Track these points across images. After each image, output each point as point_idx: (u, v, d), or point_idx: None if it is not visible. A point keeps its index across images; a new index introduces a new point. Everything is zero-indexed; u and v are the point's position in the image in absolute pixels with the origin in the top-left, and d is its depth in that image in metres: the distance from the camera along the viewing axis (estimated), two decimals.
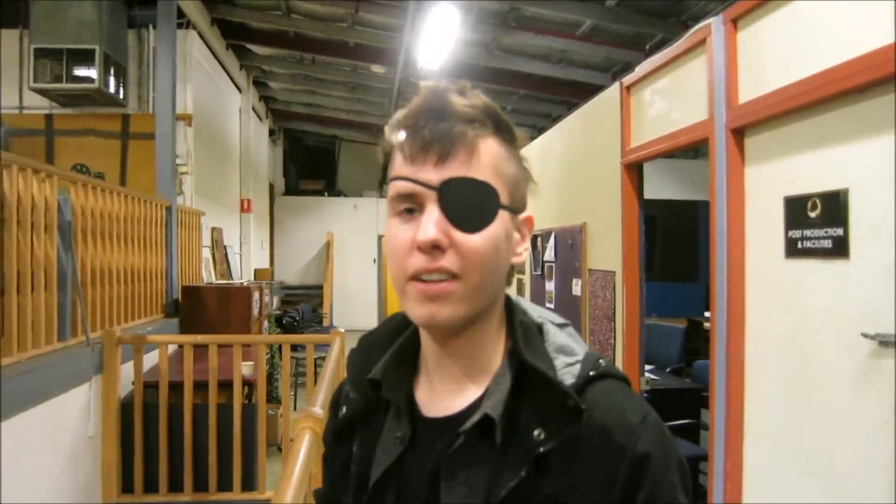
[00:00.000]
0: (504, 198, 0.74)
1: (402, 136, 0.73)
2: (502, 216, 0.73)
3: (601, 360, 0.77)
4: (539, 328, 0.80)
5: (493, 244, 0.72)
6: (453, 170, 0.71)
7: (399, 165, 0.74)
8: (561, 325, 0.82)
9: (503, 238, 0.74)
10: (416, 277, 0.71)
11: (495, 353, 0.79)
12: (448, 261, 0.70)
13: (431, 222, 0.70)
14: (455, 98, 0.73)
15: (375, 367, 0.82)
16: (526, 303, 0.85)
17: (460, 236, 0.70)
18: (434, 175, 0.71)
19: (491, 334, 0.79)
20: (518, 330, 0.78)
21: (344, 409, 0.88)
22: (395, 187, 0.74)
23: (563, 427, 0.70)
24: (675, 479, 0.70)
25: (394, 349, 0.84)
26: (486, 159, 0.72)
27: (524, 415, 0.73)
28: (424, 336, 0.81)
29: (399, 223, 0.74)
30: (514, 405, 0.74)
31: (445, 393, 0.79)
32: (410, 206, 0.73)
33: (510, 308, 0.82)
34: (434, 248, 0.70)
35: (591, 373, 0.75)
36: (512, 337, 0.79)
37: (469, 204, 0.71)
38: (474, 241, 0.70)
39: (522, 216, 0.79)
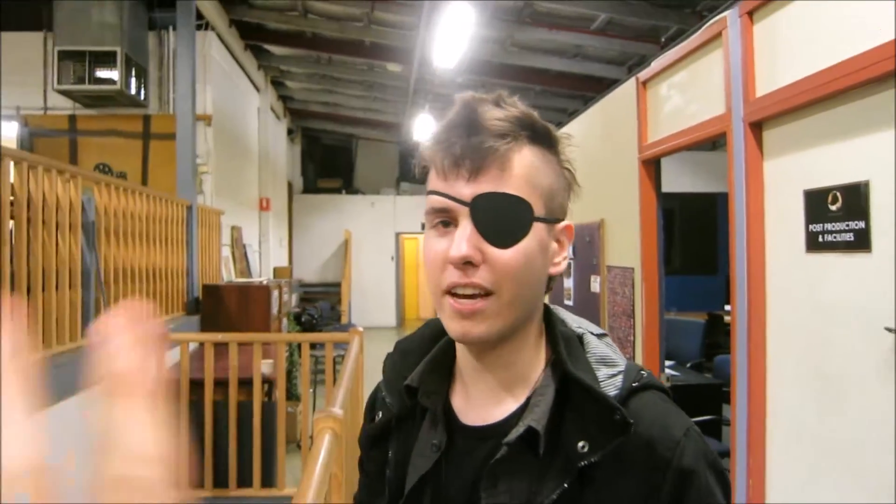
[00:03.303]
0: (539, 209, 0.73)
1: (434, 151, 0.74)
2: (537, 228, 0.73)
3: (643, 371, 0.77)
4: (580, 339, 0.80)
5: (526, 258, 0.71)
6: (485, 185, 0.71)
7: (434, 180, 0.74)
8: (600, 336, 0.81)
9: (537, 251, 0.73)
10: (450, 292, 0.72)
11: (535, 364, 0.79)
12: (481, 276, 0.70)
13: (464, 238, 0.70)
14: (487, 111, 0.72)
15: (412, 373, 0.82)
16: (564, 312, 0.84)
17: (493, 251, 0.70)
18: (466, 190, 0.71)
19: (529, 346, 0.79)
20: (560, 341, 0.77)
21: (380, 414, 0.88)
22: (430, 201, 0.74)
23: (608, 440, 0.69)
24: (717, 490, 0.70)
25: (430, 356, 0.84)
26: (519, 172, 0.72)
27: (568, 426, 0.72)
28: (460, 347, 0.81)
29: (435, 236, 0.74)
30: (557, 417, 0.73)
31: (482, 402, 0.79)
32: (445, 220, 0.73)
33: (549, 318, 0.81)
34: (466, 264, 0.70)
35: (634, 384, 0.74)
36: (553, 348, 0.78)
37: (501, 219, 0.71)
38: (507, 255, 0.70)
39: (561, 225, 0.78)
